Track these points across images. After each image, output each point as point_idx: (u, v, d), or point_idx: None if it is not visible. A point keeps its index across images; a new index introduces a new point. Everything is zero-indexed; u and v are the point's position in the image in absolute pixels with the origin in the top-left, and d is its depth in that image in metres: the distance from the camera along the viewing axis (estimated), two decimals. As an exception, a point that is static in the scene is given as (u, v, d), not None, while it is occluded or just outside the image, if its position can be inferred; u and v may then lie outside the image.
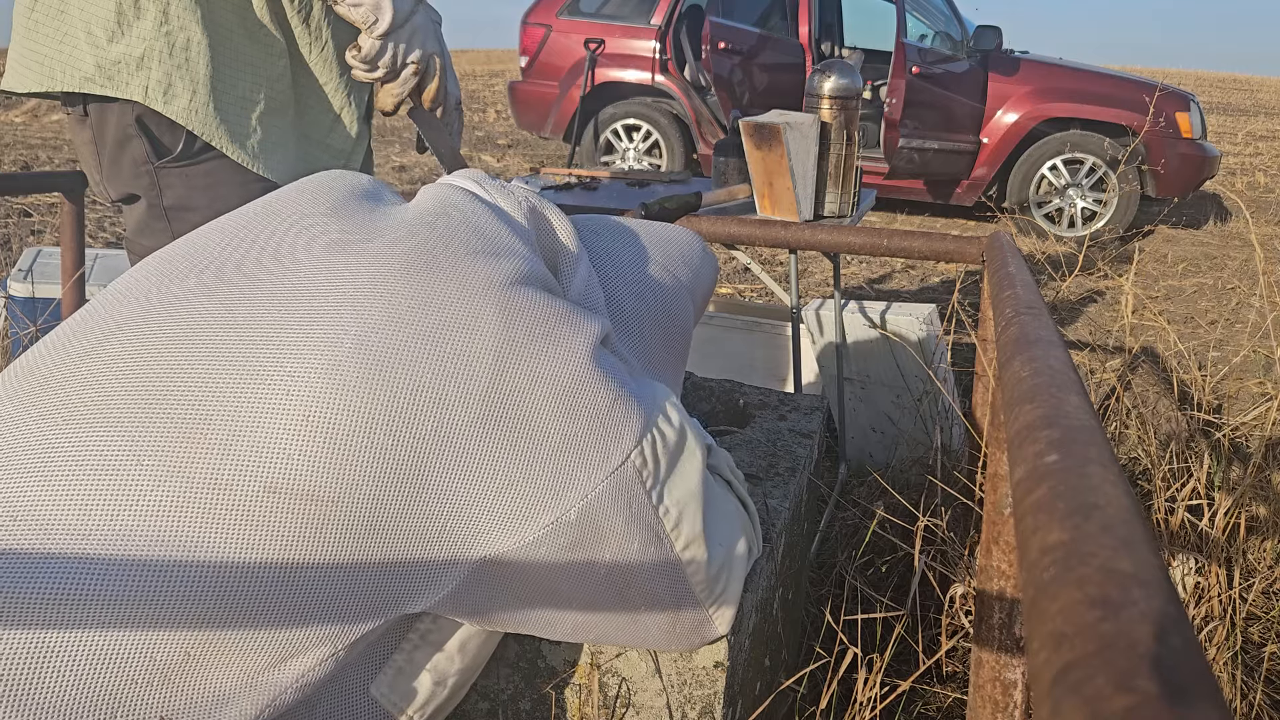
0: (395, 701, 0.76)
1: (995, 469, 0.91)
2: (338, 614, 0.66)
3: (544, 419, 0.68)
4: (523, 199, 0.84)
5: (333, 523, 0.64)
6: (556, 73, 6.13)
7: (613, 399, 0.71)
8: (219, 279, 0.71)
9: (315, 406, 0.64)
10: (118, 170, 1.16)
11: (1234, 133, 11.79)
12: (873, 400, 2.17)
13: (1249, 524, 1.60)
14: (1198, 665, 0.25)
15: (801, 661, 1.33)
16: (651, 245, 0.97)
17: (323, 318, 0.67)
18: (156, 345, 0.67)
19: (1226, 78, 24.70)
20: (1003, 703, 0.90)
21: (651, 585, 0.76)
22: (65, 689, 0.58)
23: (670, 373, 0.96)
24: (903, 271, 4.51)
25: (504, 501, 0.67)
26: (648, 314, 0.92)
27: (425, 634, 0.77)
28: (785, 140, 1.75)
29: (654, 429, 0.74)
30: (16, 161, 6.13)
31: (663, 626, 0.80)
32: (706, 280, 1.04)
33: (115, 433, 0.63)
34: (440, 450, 0.66)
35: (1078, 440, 0.42)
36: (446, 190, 0.82)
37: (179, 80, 1.12)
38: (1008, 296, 0.86)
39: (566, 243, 0.85)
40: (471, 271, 0.72)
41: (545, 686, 0.93)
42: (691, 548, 0.77)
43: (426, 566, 0.67)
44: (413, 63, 1.20)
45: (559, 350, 0.71)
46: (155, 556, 0.61)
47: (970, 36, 5.65)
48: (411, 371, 0.66)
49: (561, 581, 0.72)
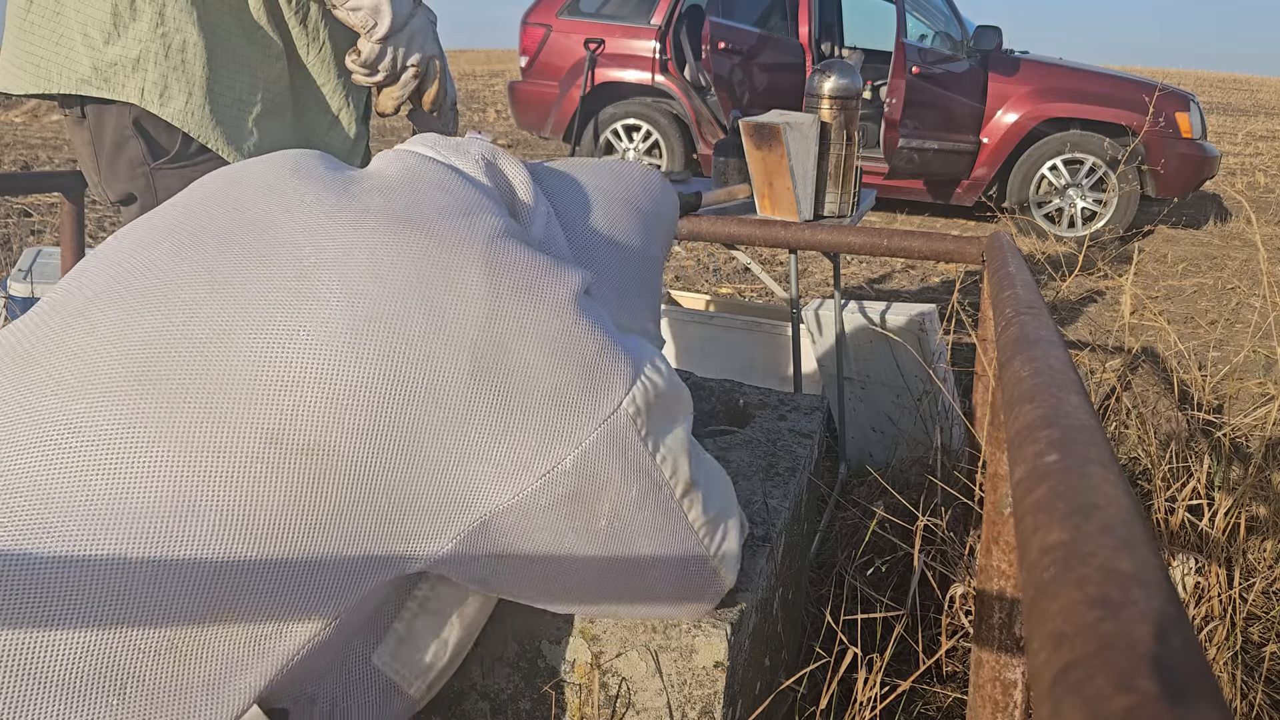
0: (398, 669, 0.77)
1: (995, 469, 0.91)
2: (338, 575, 0.66)
3: (534, 370, 0.69)
4: (478, 155, 0.85)
5: (332, 477, 0.64)
6: (556, 73, 6.13)
7: (600, 347, 0.72)
8: (192, 243, 0.71)
9: (308, 363, 0.64)
10: (115, 172, 1.16)
11: (1234, 133, 11.79)
12: (873, 400, 2.17)
13: (1249, 524, 1.60)
14: (1198, 665, 0.25)
15: (801, 661, 1.33)
16: (609, 180, 0.98)
17: (307, 277, 0.68)
18: (138, 311, 0.67)
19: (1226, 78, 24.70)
20: (1003, 703, 0.90)
21: (654, 534, 0.76)
22: (74, 661, 0.58)
23: (645, 305, 0.96)
24: (903, 271, 4.51)
25: (499, 452, 0.68)
26: (615, 253, 0.93)
27: (424, 601, 0.77)
28: (785, 140, 1.75)
29: (643, 377, 0.74)
30: (16, 161, 6.13)
31: (670, 580, 0.80)
32: (668, 209, 1.05)
33: (107, 401, 0.63)
34: (434, 404, 0.66)
35: (1078, 440, 0.42)
36: (405, 156, 0.83)
37: (175, 82, 1.12)
38: (1008, 296, 0.86)
39: (523, 193, 0.86)
40: (449, 229, 0.72)
41: (545, 686, 0.93)
42: (690, 493, 0.78)
43: (427, 520, 0.68)
44: (412, 66, 1.20)
45: (544, 302, 0.71)
46: (156, 521, 0.61)
47: (970, 36, 5.65)
48: (401, 328, 0.66)
49: (565, 536, 0.72)
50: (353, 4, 1.12)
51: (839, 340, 2.01)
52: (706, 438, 1.27)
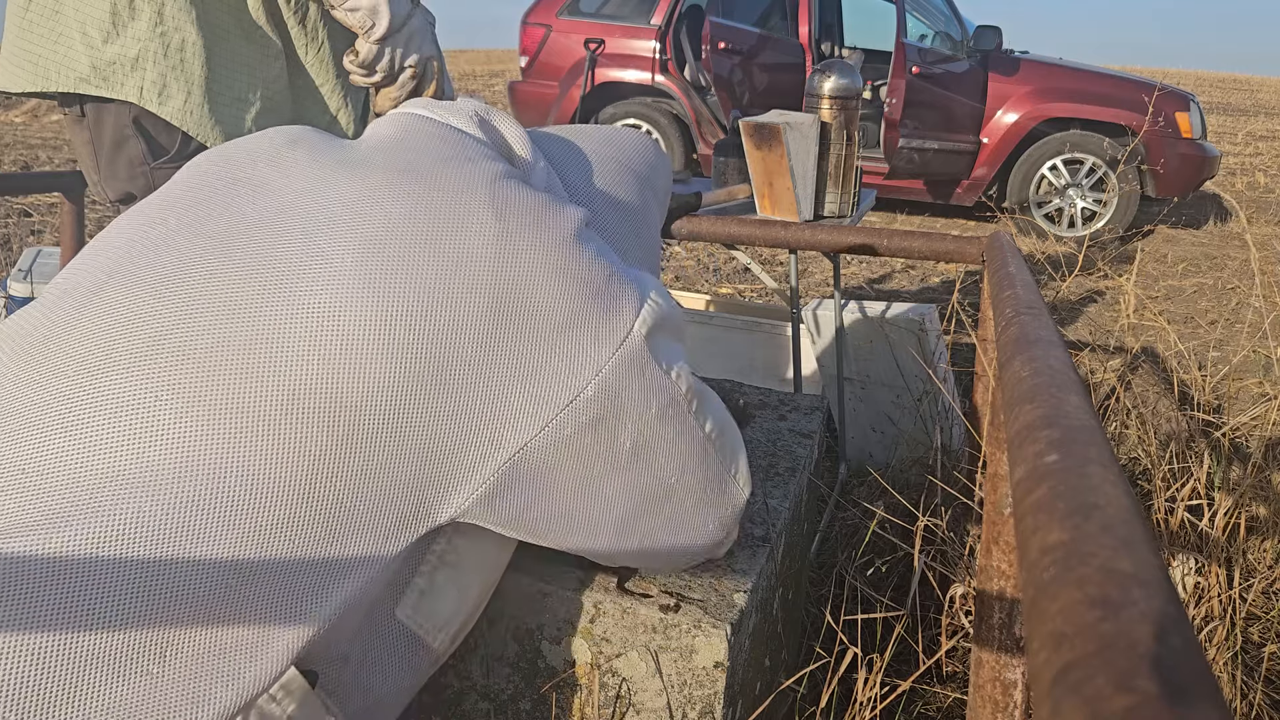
0: (420, 622, 0.77)
1: (995, 469, 0.91)
2: (373, 528, 0.66)
3: (549, 301, 0.70)
4: (471, 112, 0.86)
5: (364, 430, 0.64)
6: (556, 73, 6.13)
7: (608, 274, 0.74)
8: (198, 215, 0.73)
9: (328, 319, 0.65)
10: (115, 171, 1.16)
11: (1234, 133, 11.79)
12: (873, 400, 2.17)
13: (1249, 524, 1.60)
14: (1198, 665, 0.25)
15: (801, 661, 1.33)
16: (604, 144, 1.00)
17: (316, 236, 0.69)
18: (151, 285, 0.68)
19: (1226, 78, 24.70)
20: (1003, 703, 0.90)
21: (675, 448, 0.78)
22: (118, 626, 0.58)
23: (643, 262, 0.98)
24: (903, 271, 4.51)
25: (524, 386, 0.69)
26: (613, 207, 0.94)
27: (442, 555, 0.77)
28: (785, 140, 1.75)
29: (650, 300, 0.76)
30: (16, 161, 6.13)
31: (694, 491, 0.81)
32: (663, 173, 1.07)
33: (128, 374, 0.64)
34: (454, 347, 0.67)
35: (1078, 440, 0.42)
36: (400, 118, 0.84)
37: (174, 81, 1.12)
38: (1008, 296, 0.86)
39: (518, 146, 0.88)
40: (453, 175, 0.74)
41: (545, 686, 0.93)
42: (699, 406, 0.80)
43: (456, 466, 0.68)
44: (410, 66, 1.20)
45: (552, 235, 0.73)
46: (186, 487, 0.61)
47: (970, 36, 5.65)
48: (416, 274, 0.67)
49: (593, 462, 0.73)
50: (351, 4, 1.12)
51: (839, 340, 2.01)
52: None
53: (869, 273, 4.45)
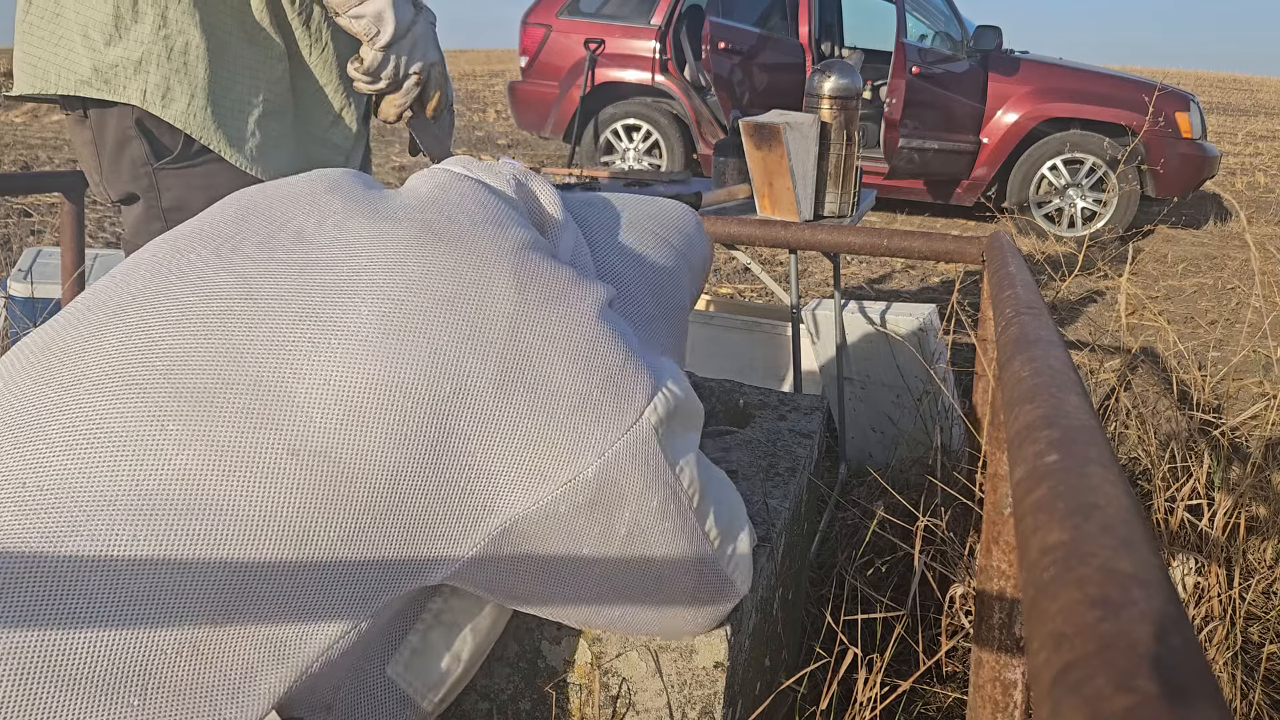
0: (411, 681, 0.77)
1: (995, 469, 0.91)
2: (361, 582, 0.66)
3: (560, 379, 0.70)
4: (509, 175, 0.86)
5: (355, 487, 0.64)
6: (556, 73, 6.13)
7: (624, 358, 0.73)
8: (228, 250, 0.73)
9: (337, 372, 0.65)
10: (117, 171, 1.16)
11: (1234, 133, 11.79)
12: (873, 400, 2.17)
13: (1249, 524, 1.60)
14: (1198, 665, 0.25)
15: (801, 661, 1.33)
16: (643, 216, 0.98)
17: (339, 288, 0.69)
18: (173, 316, 0.68)
19: (1226, 78, 24.70)
20: (1003, 703, 0.90)
21: (672, 542, 0.77)
22: (98, 661, 0.58)
23: (669, 341, 0.96)
24: (903, 271, 4.51)
25: (523, 461, 0.68)
26: (643, 281, 0.93)
27: (438, 614, 0.77)
28: (785, 140, 1.75)
29: (664, 389, 0.75)
30: (16, 161, 6.13)
31: (685, 589, 0.80)
32: (701, 251, 1.05)
33: (137, 401, 0.64)
34: (459, 413, 0.67)
35: (1078, 440, 0.42)
36: (437, 174, 0.84)
37: (178, 84, 1.11)
38: (1008, 296, 0.86)
39: (552, 212, 0.87)
40: (480, 239, 0.74)
41: (545, 686, 0.93)
42: (704, 502, 0.79)
43: (451, 528, 0.68)
44: (414, 73, 1.20)
45: (571, 311, 0.72)
46: (183, 523, 0.61)
47: (970, 36, 5.65)
48: (429, 337, 0.67)
49: (584, 543, 0.72)
50: (355, 11, 1.11)
51: (839, 340, 2.01)
52: (706, 438, 1.27)
53: (869, 273, 4.45)
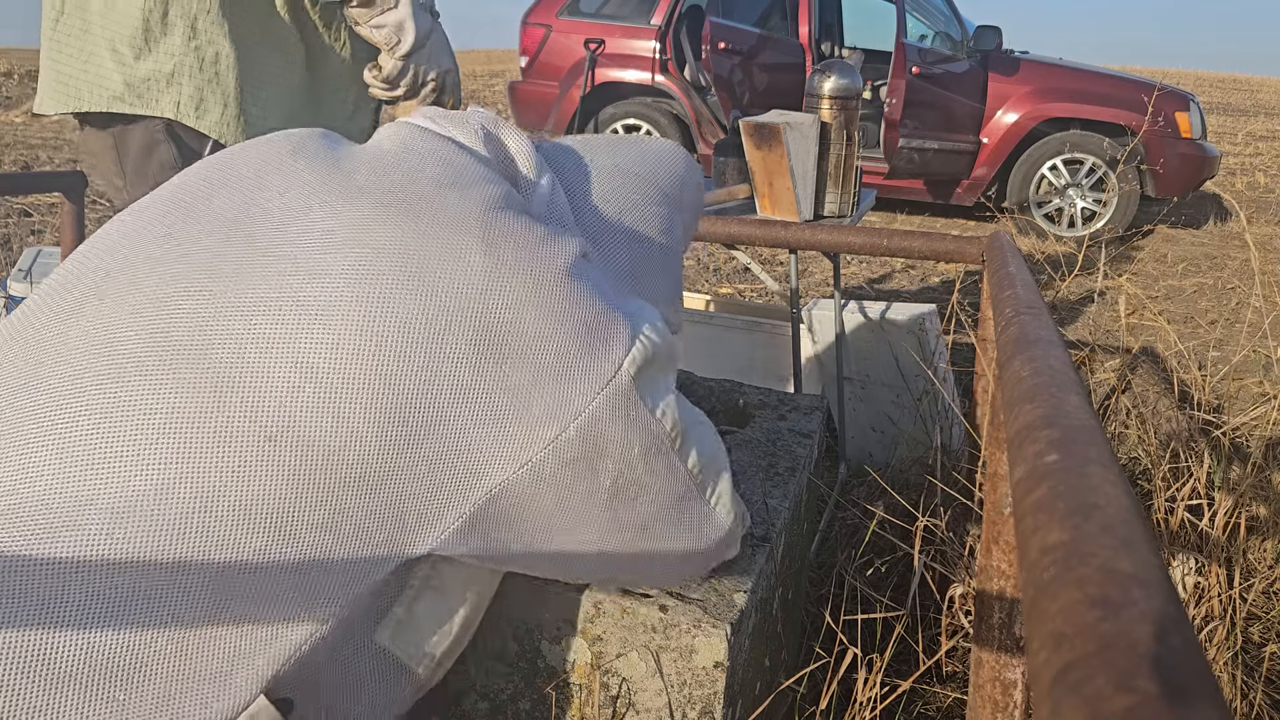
0: (402, 648, 0.77)
1: (995, 469, 0.91)
2: (348, 562, 0.66)
3: (535, 340, 0.69)
4: (477, 125, 0.84)
5: (336, 468, 0.64)
6: (556, 73, 6.12)
7: (599, 311, 0.72)
8: (189, 229, 0.71)
9: (306, 353, 0.64)
10: (143, 175, 1.16)
11: (1234, 133, 11.79)
12: (873, 400, 2.17)
13: (1249, 524, 1.60)
14: (1198, 665, 0.25)
15: (801, 661, 1.33)
16: (627, 159, 0.96)
17: (304, 261, 0.67)
18: (136, 304, 0.67)
19: (1226, 78, 24.68)
20: (1003, 703, 0.90)
21: (655, 486, 0.77)
22: (85, 657, 0.58)
23: (660, 286, 0.94)
24: (903, 271, 4.51)
25: (503, 427, 0.68)
26: (625, 229, 0.91)
27: (426, 579, 0.76)
28: (785, 140, 1.75)
29: (641, 337, 0.74)
30: (16, 161, 6.13)
31: (673, 530, 0.80)
32: (693, 189, 1.03)
33: (113, 389, 0.63)
34: (435, 384, 0.66)
35: (1078, 440, 0.42)
36: (403, 129, 0.82)
37: (210, 94, 1.12)
38: (1008, 296, 0.86)
39: (523, 163, 0.85)
40: (446, 203, 0.72)
41: (545, 686, 0.93)
42: (684, 441, 0.78)
43: (432, 502, 0.67)
44: (431, 80, 1.22)
45: (542, 270, 0.71)
46: (162, 514, 0.60)
47: (970, 36, 5.65)
48: (399, 309, 0.66)
49: (570, 499, 0.72)
50: (377, 21, 1.12)
51: (839, 340, 2.01)
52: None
53: (869, 273, 4.45)
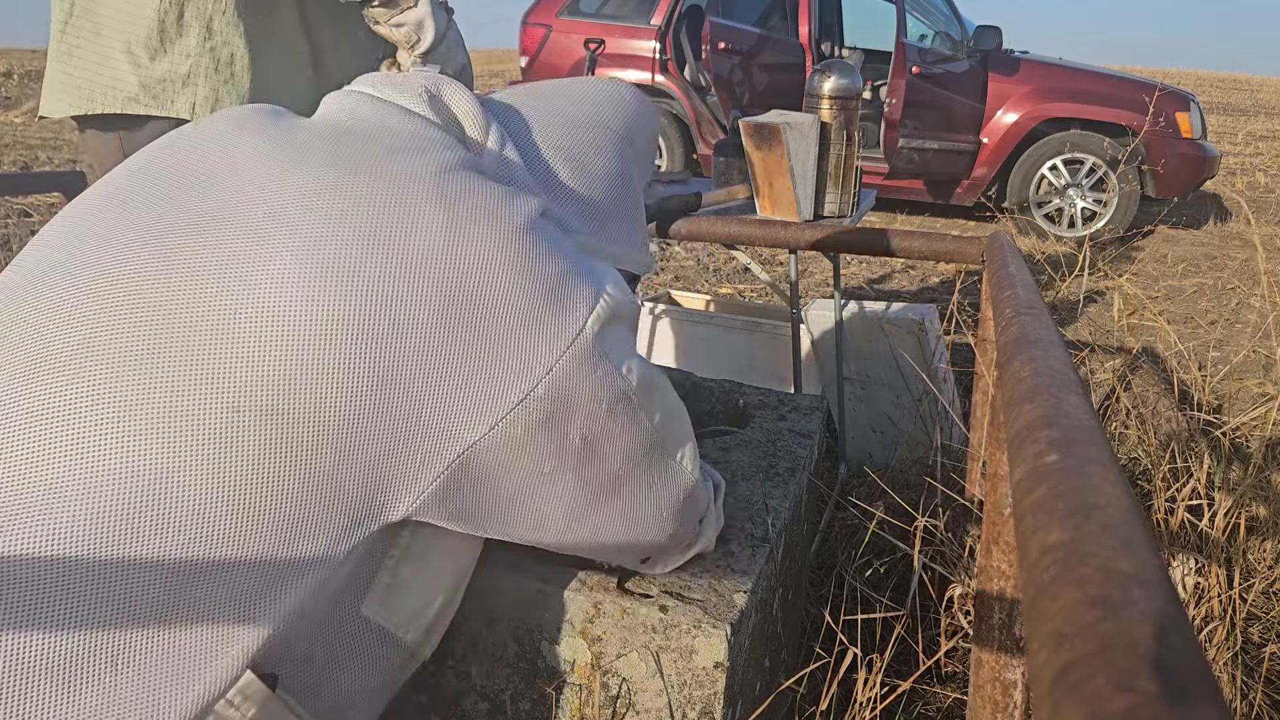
0: (388, 617, 0.76)
1: (995, 469, 0.91)
2: (323, 532, 0.66)
3: (498, 300, 0.69)
4: (419, 89, 0.83)
5: (302, 437, 0.63)
6: (557, 73, 6.13)
7: (561, 270, 0.72)
8: (139, 209, 0.71)
9: (268, 323, 0.64)
10: None
11: (1234, 133, 11.79)
12: (873, 400, 2.17)
13: (1249, 524, 1.60)
14: (1198, 665, 0.25)
15: (801, 662, 1.33)
16: (571, 102, 0.95)
17: (258, 235, 0.67)
18: (88, 283, 0.66)
19: (1226, 78, 24.68)
20: (1003, 703, 0.90)
21: (623, 442, 0.77)
22: (63, 643, 0.58)
23: (624, 227, 0.94)
24: (903, 271, 4.51)
25: (471, 388, 0.68)
26: (581, 179, 0.90)
27: (406, 548, 0.76)
28: (785, 140, 1.75)
29: (604, 294, 0.74)
30: (16, 161, 6.13)
31: (642, 485, 0.81)
32: (645, 126, 1.02)
33: (64, 379, 0.62)
34: (400, 348, 0.66)
35: (1078, 440, 0.42)
36: (347, 98, 0.82)
37: (226, 95, 1.12)
38: (1008, 296, 0.86)
39: (469, 123, 0.84)
40: (399, 168, 0.72)
41: (545, 687, 0.93)
42: (649, 398, 0.79)
43: (404, 467, 0.67)
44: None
45: (502, 230, 0.71)
46: (125, 493, 0.60)
47: (970, 36, 5.65)
48: (358, 275, 0.66)
49: (542, 459, 0.72)
50: (397, 20, 1.13)
51: (839, 340, 2.01)
52: (706, 438, 1.27)
53: (869, 273, 4.45)
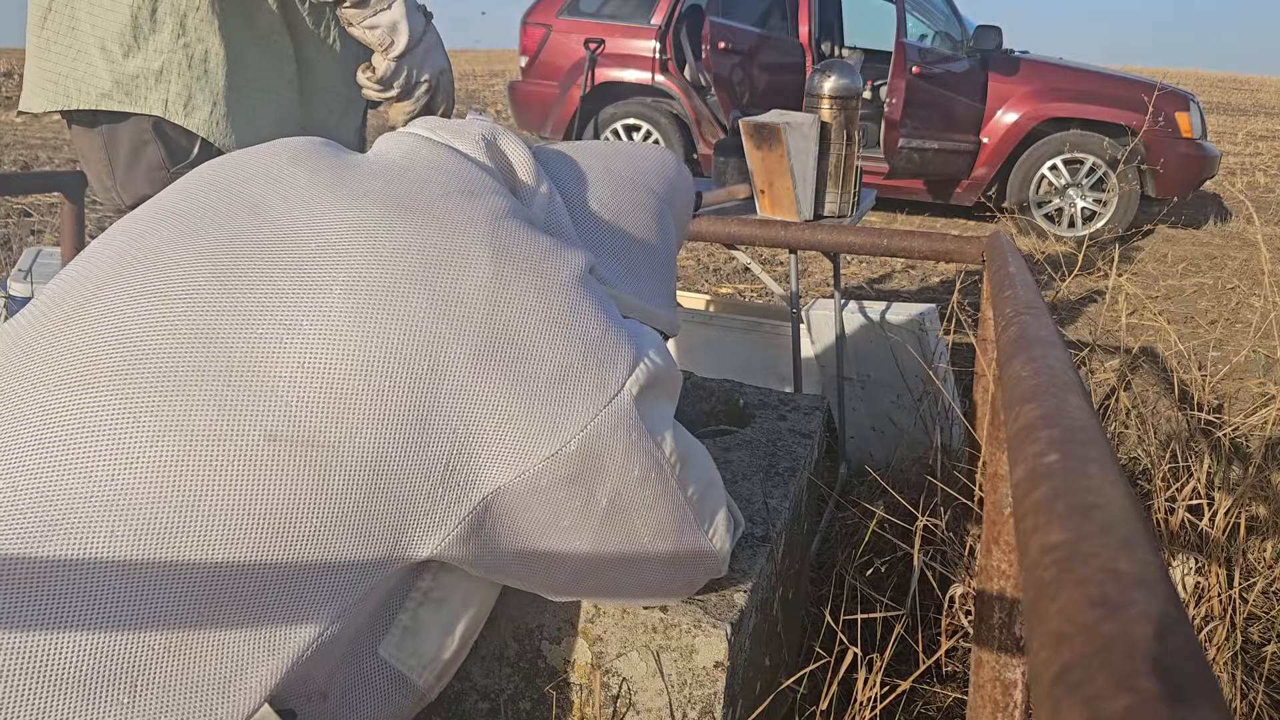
0: (404, 660, 0.76)
1: (995, 469, 0.91)
2: (347, 565, 0.66)
3: (539, 351, 0.69)
4: (477, 136, 0.84)
5: (336, 469, 0.63)
6: (556, 73, 6.13)
7: (604, 329, 0.72)
8: (192, 232, 0.71)
9: (311, 354, 0.64)
10: (133, 176, 1.16)
11: (1234, 133, 11.78)
12: (873, 400, 2.17)
13: (1249, 524, 1.60)
14: (1198, 665, 0.25)
15: (801, 661, 1.33)
16: (622, 164, 0.97)
17: (307, 265, 0.67)
18: (139, 303, 0.67)
19: (1226, 78, 24.67)
20: (1003, 703, 0.90)
21: (652, 511, 0.77)
22: (83, 661, 0.58)
23: (658, 287, 0.95)
24: (903, 271, 4.51)
25: (504, 436, 0.68)
26: (624, 237, 0.92)
27: (428, 591, 0.76)
28: (785, 140, 1.75)
29: (645, 359, 0.74)
30: (16, 161, 6.13)
31: (665, 556, 0.80)
32: (684, 193, 1.04)
33: (109, 393, 0.63)
34: (438, 389, 0.66)
35: (1078, 440, 0.42)
36: (406, 139, 0.82)
37: (199, 92, 1.12)
38: (1008, 296, 0.86)
39: (524, 173, 0.85)
40: (453, 211, 0.72)
41: (545, 686, 0.93)
42: (683, 469, 0.78)
43: (433, 507, 0.67)
44: (425, 81, 1.21)
45: (549, 283, 0.71)
46: (161, 518, 0.60)
47: (970, 36, 5.65)
48: (404, 314, 0.66)
49: (564, 516, 0.72)
50: (370, 22, 1.12)
51: (839, 340, 2.01)
52: (706, 438, 1.27)
53: (869, 273, 4.45)
